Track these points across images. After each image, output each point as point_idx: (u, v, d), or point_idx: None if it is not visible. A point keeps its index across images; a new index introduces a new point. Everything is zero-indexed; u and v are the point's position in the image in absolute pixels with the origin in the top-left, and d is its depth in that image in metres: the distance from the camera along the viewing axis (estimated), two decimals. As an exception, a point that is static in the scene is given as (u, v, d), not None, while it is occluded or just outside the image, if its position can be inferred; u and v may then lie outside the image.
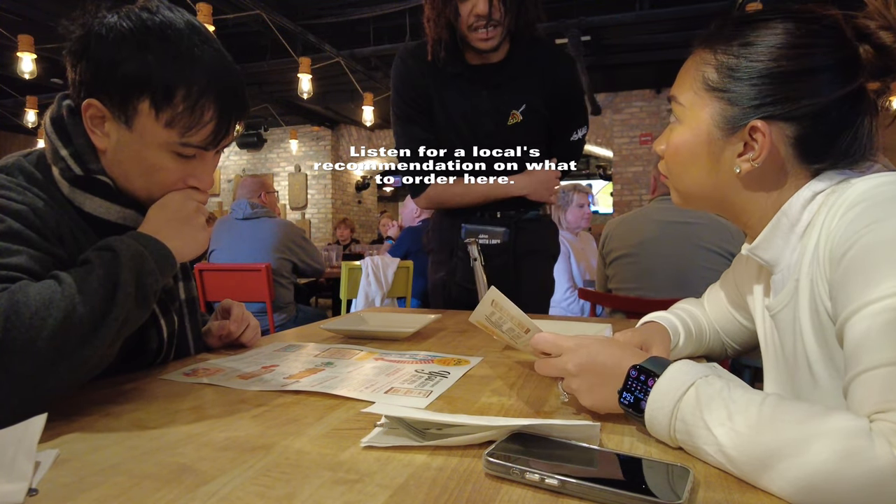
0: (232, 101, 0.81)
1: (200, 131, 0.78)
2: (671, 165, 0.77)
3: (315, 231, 9.37)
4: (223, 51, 0.82)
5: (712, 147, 0.71)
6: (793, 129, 0.67)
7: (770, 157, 0.67)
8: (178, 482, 0.48)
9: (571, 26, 5.12)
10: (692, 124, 0.72)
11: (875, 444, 0.44)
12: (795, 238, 0.68)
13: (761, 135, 0.66)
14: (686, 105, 0.73)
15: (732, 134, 0.69)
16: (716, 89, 0.70)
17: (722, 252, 2.03)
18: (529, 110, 1.56)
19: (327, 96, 7.81)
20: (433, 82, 1.55)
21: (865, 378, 0.51)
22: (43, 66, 4.86)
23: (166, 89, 0.75)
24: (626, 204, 7.63)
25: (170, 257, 0.77)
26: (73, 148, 0.79)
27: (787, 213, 0.68)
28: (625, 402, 0.60)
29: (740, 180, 0.70)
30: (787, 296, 0.69)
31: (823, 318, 0.63)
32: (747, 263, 0.86)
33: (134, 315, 0.70)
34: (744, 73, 0.68)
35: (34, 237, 0.72)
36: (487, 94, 1.54)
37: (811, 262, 0.64)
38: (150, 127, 0.77)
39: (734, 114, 0.68)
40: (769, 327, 0.76)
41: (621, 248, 2.19)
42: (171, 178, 0.82)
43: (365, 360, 0.93)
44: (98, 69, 0.76)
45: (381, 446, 0.55)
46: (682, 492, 0.45)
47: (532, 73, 1.55)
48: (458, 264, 1.65)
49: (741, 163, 0.69)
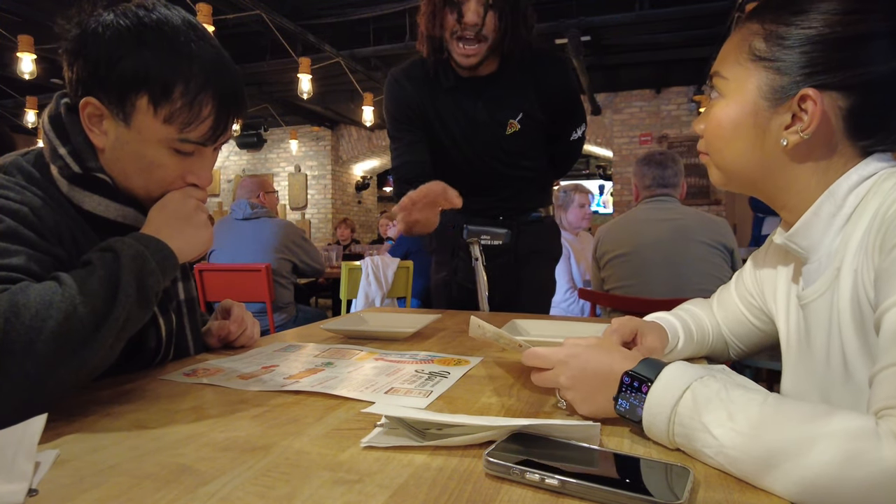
0: (230, 96, 0.81)
1: (199, 127, 0.79)
2: (712, 140, 0.74)
3: (315, 231, 9.37)
4: (220, 48, 0.82)
5: (758, 119, 0.68)
6: (844, 99, 0.64)
7: (820, 129, 0.64)
8: (178, 482, 0.48)
9: (571, 26, 5.12)
10: (736, 96, 0.70)
11: (882, 444, 0.44)
12: (838, 224, 0.66)
13: (812, 103, 0.64)
14: (730, 78, 0.71)
15: (780, 104, 0.66)
16: (763, 59, 0.67)
17: (713, 244, 2.06)
18: (526, 118, 1.55)
19: (327, 96, 7.81)
20: (429, 99, 1.54)
21: (886, 373, 0.51)
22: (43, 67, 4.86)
23: (164, 85, 0.75)
24: (626, 204, 7.62)
25: (171, 258, 0.77)
26: (71, 146, 0.79)
27: (834, 192, 0.66)
28: (621, 409, 0.60)
29: (786, 154, 0.68)
30: (825, 285, 0.67)
31: (865, 307, 0.61)
32: (767, 257, 0.85)
33: (135, 316, 0.70)
34: (795, 41, 0.65)
35: (33, 237, 0.71)
36: (483, 105, 1.53)
37: (858, 249, 0.63)
38: (149, 123, 0.77)
39: (783, 83, 0.66)
40: (796, 320, 0.75)
41: (614, 250, 2.20)
42: (169, 175, 0.81)
43: (365, 361, 0.93)
44: (95, 67, 0.76)
45: (381, 446, 0.55)
46: (682, 492, 0.45)
47: (525, 81, 1.54)
48: (459, 264, 1.66)
49: (789, 135, 0.66)
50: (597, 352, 0.66)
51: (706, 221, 2.11)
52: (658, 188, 2.19)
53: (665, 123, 7.50)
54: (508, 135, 1.55)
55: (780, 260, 0.81)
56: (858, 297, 0.62)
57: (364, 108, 6.36)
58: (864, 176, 0.65)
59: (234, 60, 0.83)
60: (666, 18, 5.17)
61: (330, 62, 5.84)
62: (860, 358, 0.63)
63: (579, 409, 0.65)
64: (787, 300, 0.78)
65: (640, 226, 2.17)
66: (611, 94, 7.68)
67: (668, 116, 7.49)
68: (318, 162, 9.42)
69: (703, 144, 0.77)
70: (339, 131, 9.44)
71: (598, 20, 5.15)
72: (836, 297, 0.65)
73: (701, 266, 2.02)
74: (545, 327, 1.14)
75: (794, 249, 0.71)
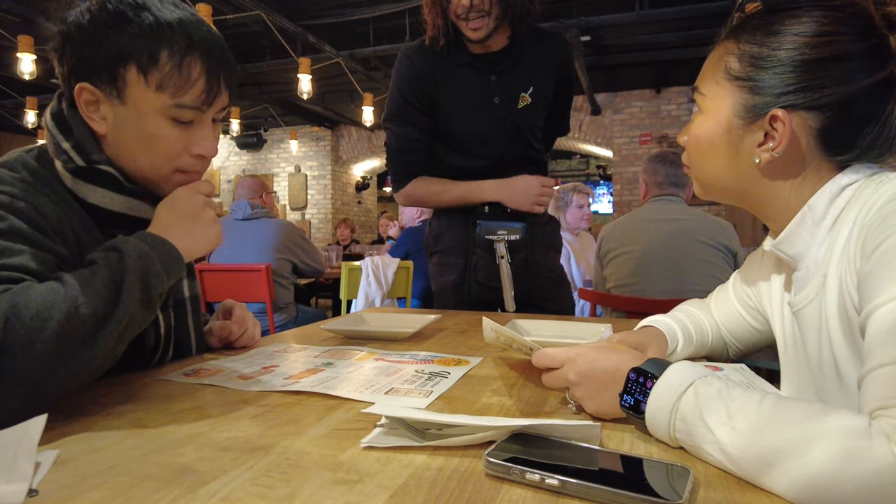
0: (217, 56, 0.81)
1: (191, 90, 0.79)
2: (692, 155, 0.77)
3: (315, 231, 9.37)
4: (200, 17, 0.83)
5: (732, 136, 0.71)
6: (816, 118, 0.66)
7: (790, 148, 0.66)
8: (179, 483, 0.48)
9: (571, 26, 5.13)
10: (713, 114, 0.72)
11: (874, 444, 0.44)
12: (823, 232, 0.67)
13: (781, 124, 0.66)
14: (708, 95, 0.73)
15: (752, 123, 0.68)
16: (738, 78, 0.69)
17: (716, 245, 2.06)
18: (536, 93, 1.58)
19: (327, 97, 7.80)
20: (441, 76, 1.55)
21: (876, 374, 0.51)
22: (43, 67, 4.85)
23: (150, 53, 0.77)
24: (626, 204, 7.63)
25: (177, 259, 0.76)
26: (74, 140, 0.80)
27: (813, 207, 0.67)
28: (625, 404, 0.60)
29: (760, 171, 0.70)
30: (813, 291, 0.68)
31: (851, 312, 0.62)
32: (762, 262, 0.85)
33: (138, 318, 0.70)
34: (768, 62, 0.67)
35: (36, 235, 0.71)
36: (497, 79, 1.55)
37: (841, 256, 0.63)
38: (142, 94, 0.78)
39: (756, 102, 0.68)
40: (790, 325, 0.75)
41: (618, 248, 2.21)
42: (172, 146, 0.82)
43: (365, 361, 0.93)
44: (81, 52, 0.78)
45: (381, 447, 0.55)
46: (682, 491, 0.45)
47: (535, 56, 1.57)
48: (478, 262, 1.61)
49: (761, 153, 0.68)
50: (605, 351, 0.67)
51: (710, 224, 2.11)
52: (670, 186, 2.19)
53: (665, 123, 7.50)
54: (520, 108, 1.57)
55: (774, 265, 0.81)
56: (844, 302, 0.63)
57: (364, 109, 6.35)
58: (841, 186, 0.66)
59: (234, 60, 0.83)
60: (666, 18, 5.17)
61: (330, 62, 5.84)
62: (850, 362, 0.64)
63: (586, 406, 0.66)
64: (781, 306, 0.79)
65: (645, 225, 2.17)
66: (611, 94, 7.68)
67: (668, 116, 7.50)
68: (318, 162, 9.43)
69: (685, 157, 0.79)
70: (339, 131, 9.44)
71: (598, 20, 5.15)
72: (825, 303, 0.66)
73: (703, 268, 2.02)
74: (545, 327, 1.14)
75: (782, 257, 0.72)
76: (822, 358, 0.68)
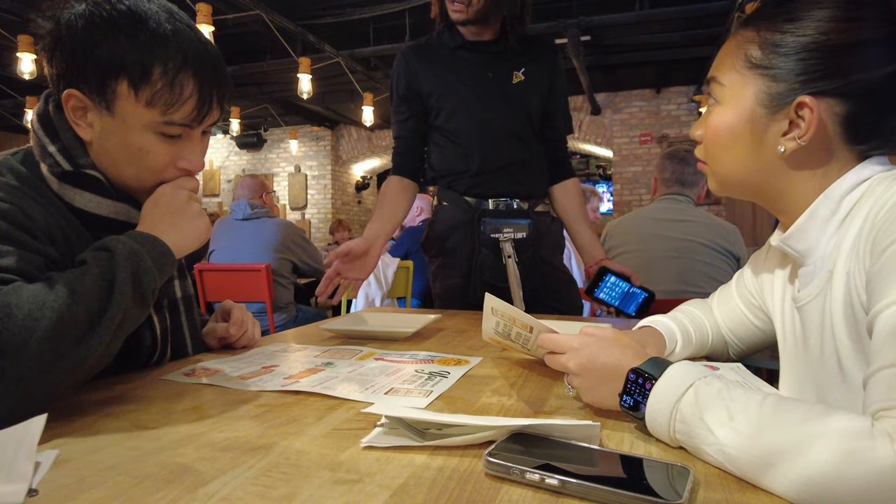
0: (211, 74, 0.80)
1: (182, 107, 0.78)
2: (710, 148, 0.75)
3: (315, 231, 9.36)
4: (197, 29, 0.82)
5: (755, 126, 0.69)
6: (840, 106, 0.65)
7: (817, 136, 0.65)
8: (178, 482, 0.48)
9: (571, 26, 5.12)
10: (734, 104, 0.70)
11: (876, 444, 0.44)
12: (833, 228, 0.66)
13: (808, 111, 0.64)
14: (727, 85, 0.71)
15: (777, 111, 0.67)
16: (759, 66, 0.68)
17: (719, 249, 2.06)
18: (528, 73, 1.61)
19: (327, 96, 7.80)
20: (438, 67, 1.60)
21: (881, 375, 0.51)
22: (43, 67, 4.85)
23: (142, 68, 0.75)
24: (626, 204, 7.62)
25: (168, 254, 0.76)
26: (60, 144, 0.79)
27: (828, 198, 0.66)
28: (625, 405, 0.61)
29: (784, 161, 0.68)
30: (818, 287, 0.68)
31: (857, 310, 0.61)
32: (767, 258, 0.85)
33: (132, 314, 0.70)
34: (790, 48, 0.66)
35: (24, 237, 0.71)
36: (489, 60, 1.60)
37: (850, 252, 0.63)
38: (132, 109, 0.76)
39: (779, 90, 0.66)
40: (792, 321, 0.75)
41: (621, 245, 2.20)
42: (159, 161, 0.80)
43: (365, 361, 0.93)
44: (72, 58, 0.75)
45: (381, 446, 0.55)
46: (682, 491, 0.45)
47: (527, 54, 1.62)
48: (484, 262, 1.57)
49: (786, 142, 0.67)
50: (609, 345, 0.67)
51: (715, 226, 2.09)
52: (676, 184, 2.18)
53: (665, 123, 7.50)
54: (515, 84, 1.60)
55: (779, 261, 0.81)
56: (851, 299, 0.62)
57: (364, 108, 6.35)
58: (859, 179, 0.65)
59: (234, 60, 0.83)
60: (666, 18, 5.16)
61: (330, 62, 5.83)
62: (854, 360, 0.63)
63: (584, 396, 0.67)
64: (783, 301, 0.78)
65: (650, 224, 2.16)
66: (611, 93, 7.68)
67: (668, 116, 7.50)
68: (318, 162, 9.42)
69: (701, 152, 0.77)
70: (338, 131, 9.44)
71: (597, 20, 5.15)
72: (829, 299, 0.66)
73: (705, 270, 2.01)
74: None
75: (789, 252, 0.72)
76: (824, 354, 0.68)
